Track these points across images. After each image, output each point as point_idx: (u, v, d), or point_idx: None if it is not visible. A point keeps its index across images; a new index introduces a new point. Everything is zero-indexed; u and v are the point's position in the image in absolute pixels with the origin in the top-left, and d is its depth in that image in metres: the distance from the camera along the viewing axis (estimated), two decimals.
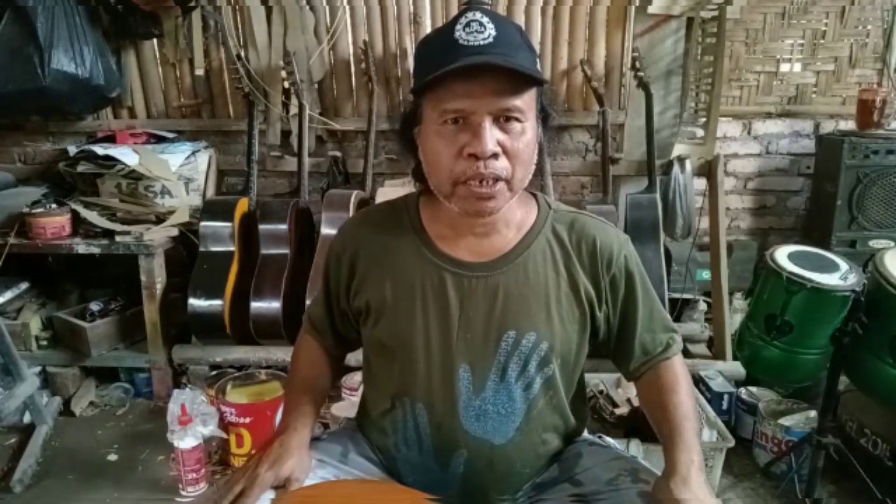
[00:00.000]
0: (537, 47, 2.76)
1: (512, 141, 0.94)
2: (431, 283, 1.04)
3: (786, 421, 2.03)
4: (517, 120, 0.93)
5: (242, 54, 2.78)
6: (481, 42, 0.91)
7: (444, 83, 0.91)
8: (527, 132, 0.95)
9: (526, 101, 0.94)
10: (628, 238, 1.11)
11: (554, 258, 1.06)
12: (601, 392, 2.11)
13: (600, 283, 1.06)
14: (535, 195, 1.12)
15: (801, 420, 2.04)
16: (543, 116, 1.01)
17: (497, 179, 0.94)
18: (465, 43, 0.92)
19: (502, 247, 1.05)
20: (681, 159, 2.62)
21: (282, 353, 2.42)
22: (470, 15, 0.94)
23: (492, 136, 0.92)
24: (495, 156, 0.93)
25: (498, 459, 1.04)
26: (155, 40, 2.84)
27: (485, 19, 0.93)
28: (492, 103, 0.91)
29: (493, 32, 0.92)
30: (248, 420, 2.03)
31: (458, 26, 0.93)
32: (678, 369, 1.11)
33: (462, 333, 1.02)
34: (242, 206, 2.59)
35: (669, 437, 1.01)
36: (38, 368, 2.53)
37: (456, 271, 1.04)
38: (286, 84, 2.72)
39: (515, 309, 1.02)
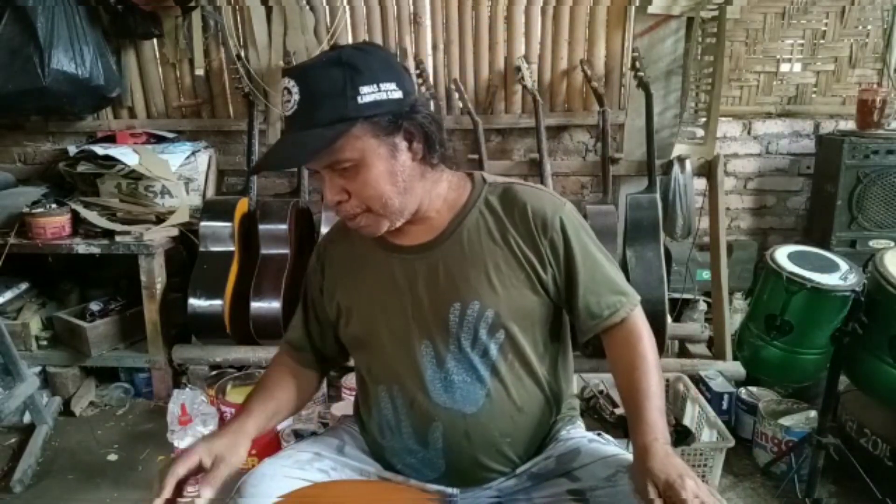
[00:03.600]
0: (537, 47, 2.76)
1: (351, 185, 1.00)
2: (384, 272, 1.11)
3: (786, 421, 2.03)
4: (348, 166, 0.98)
5: (242, 54, 2.78)
6: (289, 113, 0.98)
7: None
8: (363, 171, 0.99)
9: (348, 146, 0.97)
10: (566, 202, 1.13)
11: (488, 228, 1.09)
12: (601, 392, 2.10)
13: (539, 246, 1.08)
14: (471, 174, 1.16)
15: (801, 420, 2.04)
16: (405, 126, 1.00)
17: (355, 216, 1.03)
18: (285, 116, 0.99)
19: (436, 227, 1.11)
20: (681, 159, 2.62)
21: None
22: (283, 82, 0.98)
23: (333, 186, 1.01)
24: (342, 200, 1.02)
25: (473, 429, 1.07)
26: (155, 40, 2.84)
27: (291, 83, 0.97)
28: (317, 163, 1.00)
29: (297, 97, 0.96)
30: None
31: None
32: (640, 344, 1.08)
33: (415, 313, 1.08)
34: (242, 206, 2.59)
35: (633, 418, 1.02)
36: (38, 368, 2.53)
37: (401, 257, 1.11)
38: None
39: (457, 281, 1.07)
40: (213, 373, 2.40)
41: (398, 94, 0.99)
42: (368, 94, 0.97)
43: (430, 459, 1.09)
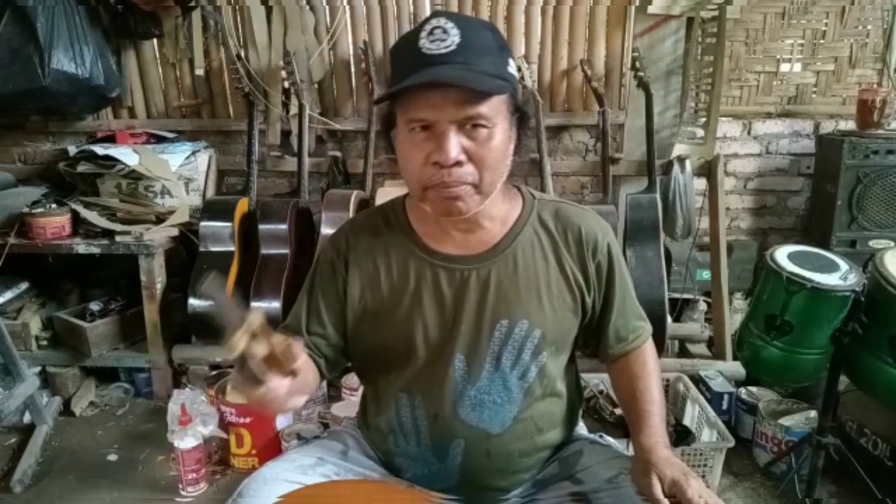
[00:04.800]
0: (537, 47, 2.76)
1: (477, 147, 0.94)
2: (426, 279, 1.06)
3: (786, 421, 2.03)
4: (483, 126, 0.94)
5: (242, 54, 2.78)
6: (443, 50, 0.91)
7: (409, 94, 0.92)
8: (494, 137, 0.95)
9: (492, 107, 0.94)
10: (609, 226, 1.14)
11: (542, 247, 1.08)
12: (601, 392, 2.10)
13: (588, 269, 1.09)
14: (518, 188, 1.14)
15: (801, 420, 2.04)
16: (520, 116, 1.01)
17: (463, 184, 0.96)
18: (428, 52, 0.92)
19: (489, 240, 1.07)
20: (681, 159, 2.62)
21: None
22: (434, 21, 0.94)
23: (455, 144, 0.93)
24: (460, 163, 0.94)
25: (496, 449, 1.05)
26: (155, 40, 2.84)
27: (448, 24, 0.92)
28: (454, 113, 0.92)
29: (457, 39, 0.92)
30: (248, 420, 2.03)
31: (423, 33, 0.93)
32: (647, 358, 1.15)
33: (457, 325, 1.04)
34: (242, 206, 2.59)
35: (637, 423, 1.06)
36: (38, 368, 2.53)
37: (448, 266, 1.06)
38: (286, 84, 2.72)
39: (507, 298, 1.04)
40: (213, 373, 2.40)
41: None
42: (513, 67, 0.98)
43: (445, 473, 1.07)
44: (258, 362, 0.80)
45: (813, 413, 2.05)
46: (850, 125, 2.73)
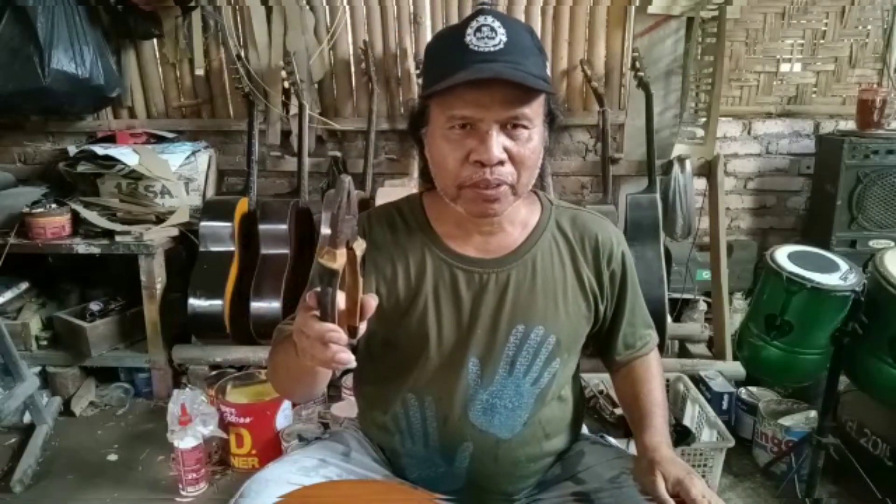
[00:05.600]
0: None
1: (518, 147, 0.95)
2: (444, 280, 1.05)
3: (786, 421, 2.03)
4: (524, 127, 0.94)
5: (242, 54, 2.77)
6: (492, 48, 0.92)
7: (453, 90, 0.92)
8: (533, 138, 0.96)
9: (534, 109, 0.95)
10: (622, 234, 1.16)
11: (560, 254, 1.08)
12: (601, 392, 2.10)
13: (602, 277, 1.10)
14: (536, 193, 1.14)
15: (801, 420, 2.04)
16: (550, 119, 1.02)
17: (503, 184, 0.96)
18: (476, 48, 0.92)
19: (509, 244, 1.07)
20: (681, 159, 2.62)
21: None
22: (481, 19, 0.94)
23: (498, 143, 0.93)
24: (501, 162, 0.94)
25: (503, 454, 1.05)
26: (155, 40, 2.84)
27: (496, 24, 0.93)
28: (500, 112, 0.92)
29: (504, 38, 0.92)
30: (248, 420, 2.03)
31: (469, 30, 0.93)
32: (652, 364, 1.17)
33: (473, 328, 1.03)
34: (242, 206, 2.59)
35: (640, 422, 1.08)
36: (38, 368, 2.53)
37: (467, 268, 1.05)
38: (286, 84, 2.72)
39: (525, 303, 1.04)
40: (213, 373, 2.40)
41: None
42: (548, 69, 0.99)
43: (451, 475, 1.06)
44: (336, 296, 0.72)
45: (813, 413, 2.05)
46: (850, 125, 2.73)
